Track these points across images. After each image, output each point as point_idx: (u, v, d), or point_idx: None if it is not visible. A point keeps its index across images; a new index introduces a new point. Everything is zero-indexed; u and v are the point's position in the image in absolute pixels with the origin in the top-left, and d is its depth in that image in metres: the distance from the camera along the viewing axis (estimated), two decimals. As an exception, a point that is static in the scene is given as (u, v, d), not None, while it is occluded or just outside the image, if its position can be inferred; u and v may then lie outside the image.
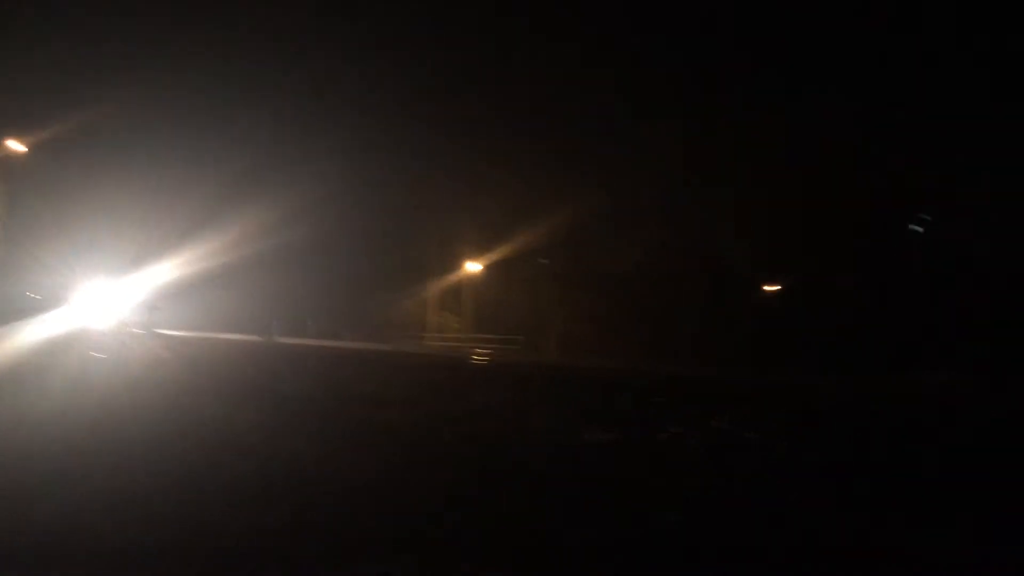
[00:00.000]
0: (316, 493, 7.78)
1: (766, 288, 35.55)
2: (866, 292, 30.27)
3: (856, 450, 11.24)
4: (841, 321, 29.44)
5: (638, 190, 38.39)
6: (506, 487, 8.44)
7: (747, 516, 7.48)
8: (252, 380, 19.72)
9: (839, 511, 7.82)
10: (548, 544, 6.38)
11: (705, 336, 33.56)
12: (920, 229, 31.16)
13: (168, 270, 41.85)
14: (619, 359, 30.36)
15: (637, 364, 27.63)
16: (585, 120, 41.30)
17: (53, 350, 21.36)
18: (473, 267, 47.60)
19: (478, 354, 35.91)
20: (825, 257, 32.19)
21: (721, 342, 32.13)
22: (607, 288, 39.44)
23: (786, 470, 9.90)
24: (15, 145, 30.47)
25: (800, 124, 31.72)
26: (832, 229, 31.78)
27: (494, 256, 46.05)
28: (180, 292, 46.18)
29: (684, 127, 36.15)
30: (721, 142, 35.33)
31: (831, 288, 31.27)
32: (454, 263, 48.33)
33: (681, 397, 16.06)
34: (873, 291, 30.13)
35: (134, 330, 32.87)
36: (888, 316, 28.93)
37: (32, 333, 23.20)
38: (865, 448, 11.42)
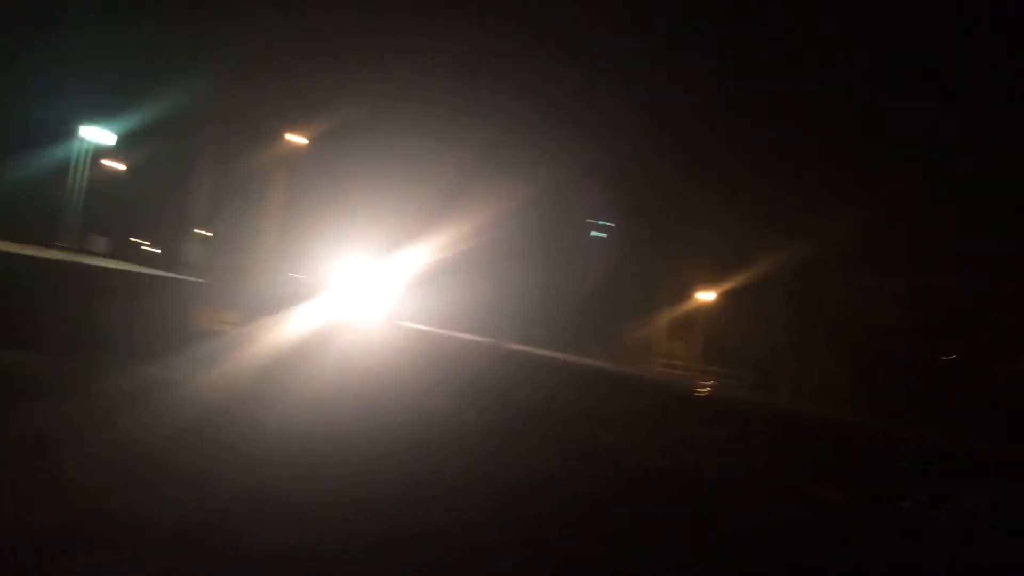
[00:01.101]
0: (530, 498, 7.86)
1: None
2: None
3: None
4: None
5: (890, 230, 35.71)
6: (714, 530, 8.09)
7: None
8: (483, 383, 20.40)
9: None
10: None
11: (962, 402, 30.43)
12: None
13: (413, 266, 44.42)
14: (858, 413, 28.34)
15: (879, 421, 25.67)
16: (836, 156, 39.27)
17: (319, 335, 23.26)
18: (706, 296, 46.50)
19: (703, 386, 34.98)
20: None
21: (981, 411, 28.95)
22: (850, 335, 36.97)
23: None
24: (296, 139, 33.18)
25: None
26: None
27: (728, 287, 44.74)
28: (422, 287, 48.72)
29: (940, 170, 33.24)
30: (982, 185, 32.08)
31: None
32: (687, 292, 47.46)
33: (930, 465, 14.67)
34: None
35: (382, 320, 35.10)
36: None
37: (301, 317, 25.33)
38: None
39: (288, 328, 23.02)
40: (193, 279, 23.71)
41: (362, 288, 37.65)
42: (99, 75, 37.96)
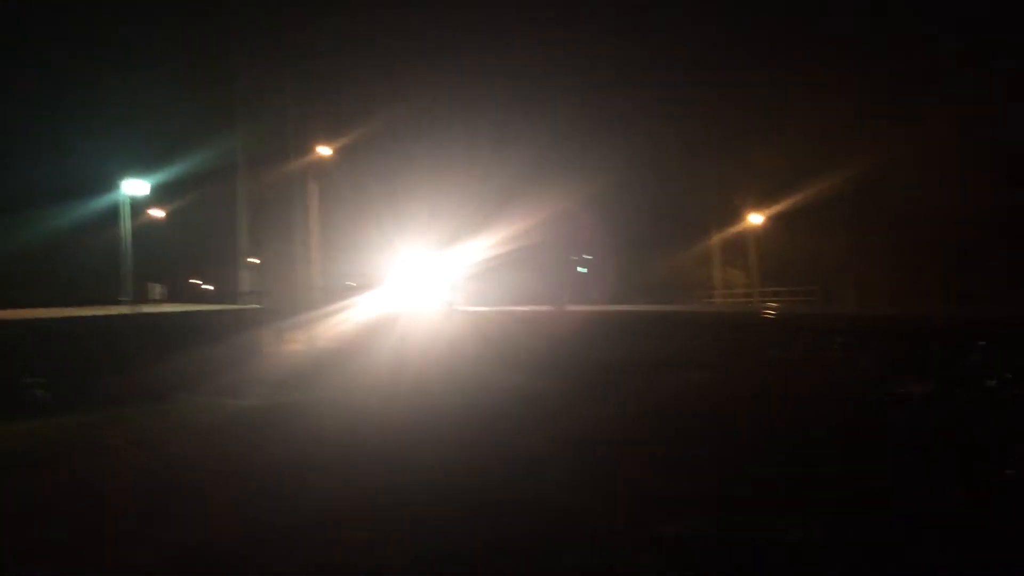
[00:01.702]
0: (616, 457, 7.97)
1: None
2: None
3: None
4: None
5: (935, 125, 34.77)
6: (813, 443, 8.12)
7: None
8: (546, 348, 20.56)
9: None
10: (863, 500, 6.06)
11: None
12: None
13: (467, 253, 44.89)
14: (925, 306, 27.88)
15: (948, 310, 25.21)
16: (878, 60, 38.22)
17: (378, 324, 23.71)
18: (756, 219, 45.90)
19: (769, 308, 34.69)
20: None
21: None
22: (907, 231, 36.27)
23: None
24: (323, 150, 33.84)
25: None
26: None
27: (779, 206, 44.07)
28: (478, 272, 49.21)
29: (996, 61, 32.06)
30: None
31: None
32: (737, 215, 46.90)
33: (1011, 341, 14.41)
34: None
35: (440, 307, 35.46)
36: None
37: (359, 312, 25.82)
38: None
39: (352, 333, 23.48)
40: (251, 306, 24.32)
41: (422, 281, 38.03)
42: (135, 128, 38.97)
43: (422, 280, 37.76)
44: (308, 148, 33.35)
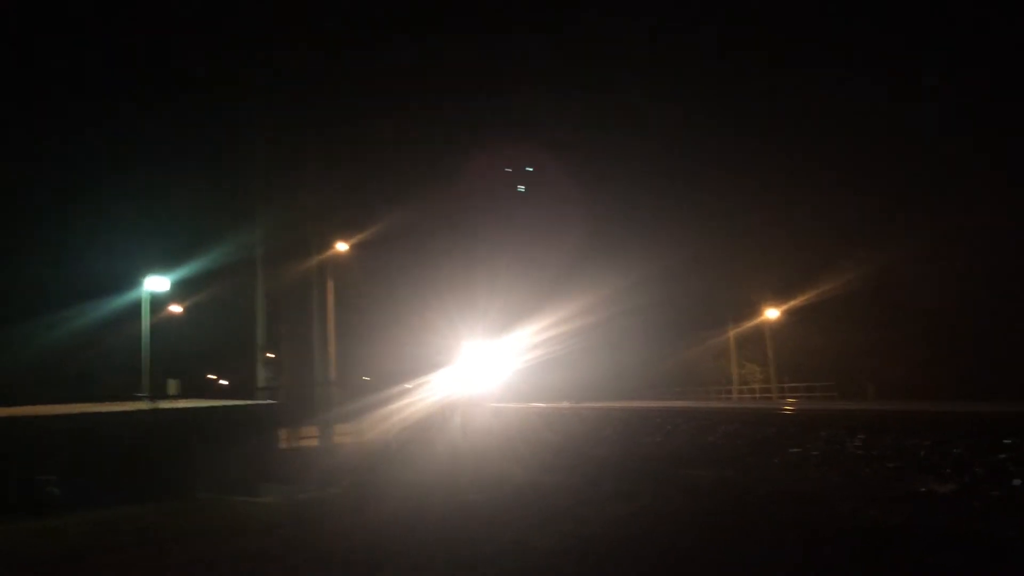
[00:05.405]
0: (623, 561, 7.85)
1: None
2: None
3: None
4: None
5: (951, 218, 35.20)
6: (831, 546, 7.96)
7: None
8: (562, 444, 20.40)
9: None
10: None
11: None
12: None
13: (493, 352, 44.83)
14: (945, 399, 27.48)
15: (972, 405, 24.83)
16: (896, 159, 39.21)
17: (399, 435, 23.46)
18: (772, 313, 45.88)
19: (787, 404, 34.32)
20: None
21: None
22: (923, 324, 36.13)
23: None
24: (341, 246, 34.36)
25: None
26: None
27: (797, 300, 44.11)
28: (504, 370, 49.01)
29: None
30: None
31: None
32: (754, 310, 46.92)
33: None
34: None
35: (471, 405, 35.21)
36: None
37: (381, 417, 25.50)
38: None
39: (367, 432, 23.32)
40: (265, 402, 24.32)
41: (447, 379, 37.84)
42: (157, 227, 40.17)
43: (452, 377, 37.47)
44: (328, 243, 33.83)
